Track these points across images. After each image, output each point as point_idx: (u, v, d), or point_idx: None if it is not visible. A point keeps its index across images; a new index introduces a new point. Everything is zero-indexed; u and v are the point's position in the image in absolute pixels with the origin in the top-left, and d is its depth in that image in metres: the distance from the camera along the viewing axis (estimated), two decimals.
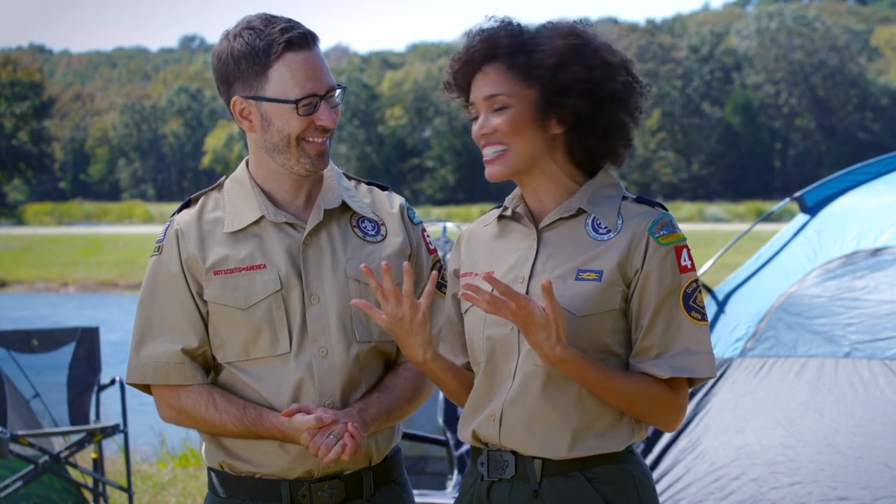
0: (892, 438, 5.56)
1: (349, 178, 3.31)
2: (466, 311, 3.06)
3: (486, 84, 2.96)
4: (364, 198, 3.26)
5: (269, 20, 3.13)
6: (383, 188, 3.32)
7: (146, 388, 3.22)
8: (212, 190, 3.26)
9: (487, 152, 2.98)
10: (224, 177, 3.28)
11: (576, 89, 2.93)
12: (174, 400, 3.16)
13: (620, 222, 2.97)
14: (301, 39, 3.09)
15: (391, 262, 3.16)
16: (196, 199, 3.25)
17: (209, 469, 3.24)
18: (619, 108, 2.97)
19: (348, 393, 3.13)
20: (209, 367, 3.20)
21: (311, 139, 3.12)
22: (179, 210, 3.23)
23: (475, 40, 2.99)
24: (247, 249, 3.15)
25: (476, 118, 3.00)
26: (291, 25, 3.12)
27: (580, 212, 3.00)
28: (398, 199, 3.29)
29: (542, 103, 2.94)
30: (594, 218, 2.98)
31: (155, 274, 3.17)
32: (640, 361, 2.94)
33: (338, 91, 3.15)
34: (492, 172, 2.99)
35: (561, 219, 3.00)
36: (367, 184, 3.32)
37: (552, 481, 2.94)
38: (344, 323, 3.13)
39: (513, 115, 2.94)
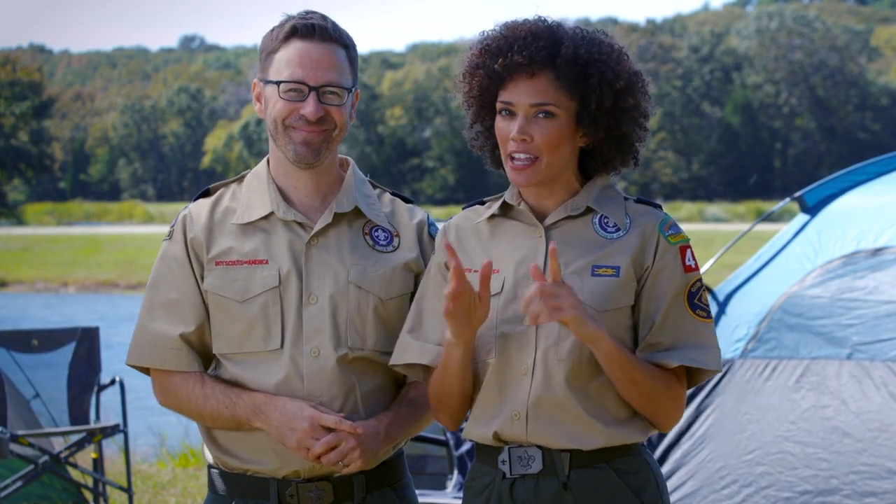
0: (894, 440, 5.55)
1: (375, 186, 3.31)
2: None
3: (537, 91, 2.96)
4: (384, 207, 3.26)
5: (306, 12, 3.19)
6: (408, 201, 3.32)
7: (146, 370, 3.24)
8: (233, 182, 3.29)
9: (519, 157, 2.97)
10: (247, 171, 3.31)
11: (625, 114, 2.99)
12: (167, 383, 3.19)
13: (629, 221, 3.02)
14: (306, 29, 3.13)
15: (396, 274, 3.18)
16: (214, 190, 3.27)
17: (208, 466, 3.25)
18: (645, 128, 3.05)
19: (342, 397, 3.12)
20: (208, 356, 3.21)
21: (296, 127, 3.13)
22: (196, 198, 3.26)
23: (533, 42, 2.96)
24: (252, 244, 3.16)
25: (504, 113, 2.99)
26: (309, 16, 3.16)
27: (587, 210, 3.03)
28: (420, 214, 3.28)
29: (582, 118, 2.98)
30: (601, 216, 3.02)
31: (161, 258, 3.22)
32: (648, 355, 2.98)
33: (345, 92, 3.14)
34: (519, 180, 2.99)
35: (568, 217, 3.02)
36: (392, 194, 3.32)
37: (580, 473, 2.96)
38: (338, 327, 3.13)
39: (555, 127, 2.96)
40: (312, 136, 3.13)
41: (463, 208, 3.19)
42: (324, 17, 3.17)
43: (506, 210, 3.09)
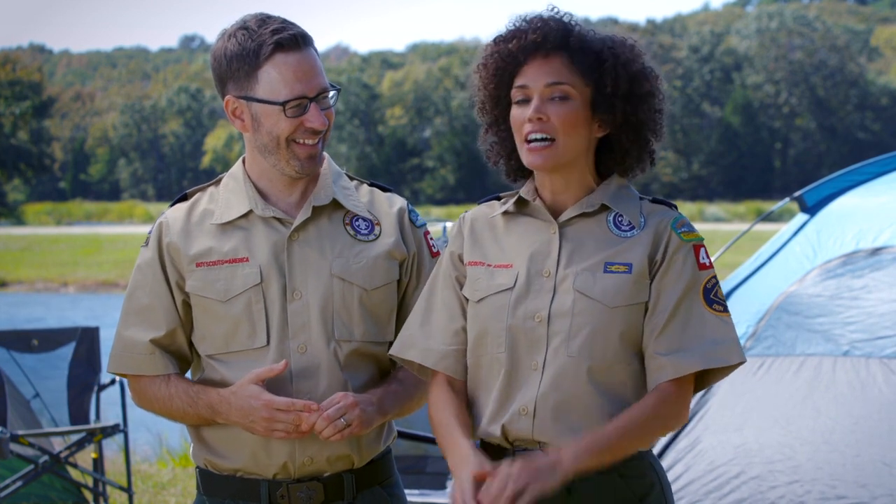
0: (889, 436, 5.57)
1: (351, 178, 3.30)
2: (481, 300, 3.03)
3: (551, 71, 2.97)
4: (362, 197, 3.26)
5: (263, 20, 3.13)
6: (386, 189, 3.31)
7: (125, 375, 3.27)
8: (209, 185, 3.29)
9: (534, 137, 2.96)
10: (223, 174, 3.30)
11: (641, 100, 3.00)
12: (138, 385, 3.22)
13: (643, 220, 3.02)
14: (291, 41, 3.09)
15: (379, 264, 3.18)
16: (191, 195, 3.28)
17: (196, 468, 3.26)
18: (660, 124, 3.06)
19: (331, 393, 3.11)
20: (184, 357, 3.23)
21: (301, 141, 3.13)
22: (173, 204, 3.27)
23: (544, 25, 2.98)
24: (232, 243, 3.16)
25: (521, 102, 2.99)
26: (283, 27, 3.11)
27: (602, 208, 3.02)
28: (399, 201, 3.28)
29: (598, 104, 2.98)
30: (616, 214, 3.02)
31: (137, 266, 3.23)
32: (662, 353, 2.94)
33: (331, 93, 3.15)
34: (535, 161, 2.97)
35: (582, 214, 3.02)
36: (370, 184, 3.31)
37: (584, 477, 2.93)
38: (325, 320, 3.13)
39: (572, 108, 2.96)
40: (315, 148, 3.14)
41: (479, 202, 3.19)
42: (290, 22, 3.14)
43: (521, 206, 3.08)
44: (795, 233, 6.67)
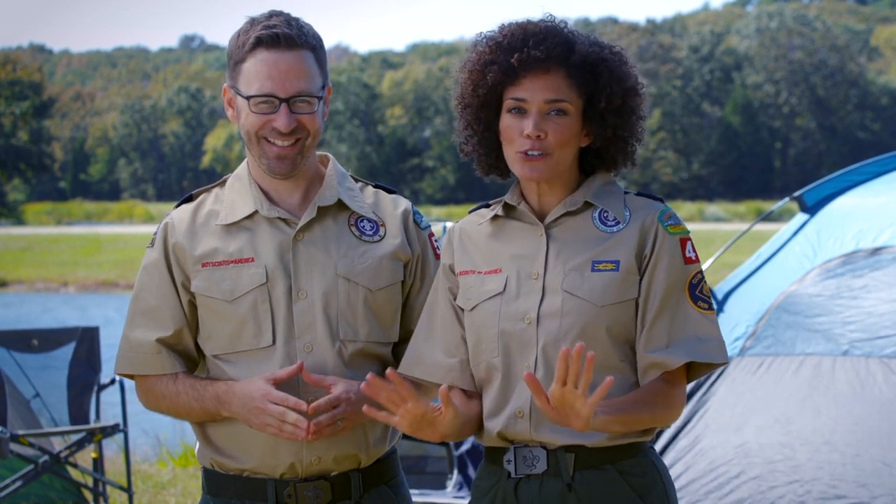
0: (889, 436, 5.57)
1: (356, 179, 3.31)
2: (474, 307, 3.04)
3: (551, 86, 2.96)
4: (367, 199, 3.27)
5: (269, 16, 3.16)
6: (391, 191, 3.32)
7: (132, 376, 3.27)
8: (214, 186, 3.30)
9: (532, 154, 2.97)
10: (227, 175, 3.31)
11: (632, 113, 3.01)
12: (145, 385, 3.23)
13: (628, 214, 3.02)
14: (272, 39, 3.10)
15: (384, 264, 3.20)
16: (196, 195, 3.29)
17: (202, 468, 3.27)
18: (644, 127, 3.06)
19: None
20: (191, 357, 3.23)
21: (270, 140, 3.13)
22: (179, 205, 3.28)
23: (547, 39, 2.97)
24: (237, 243, 3.17)
25: (515, 111, 2.98)
26: (275, 24, 3.12)
27: (586, 205, 3.03)
28: (404, 203, 3.29)
29: (589, 117, 2.99)
30: (601, 210, 3.02)
31: (143, 267, 3.24)
32: (651, 351, 2.95)
33: (315, 100, 3.12)
34: (531, 174, 2.98)
35: (566, 213, 3.02)
36: (375, 186, 3.32)
37: (585, 475, 2.95)
38: (330, 320, 3.14)
39: (568, 124, 2.97)
40: (286, 150, 3.14)
41: (469, 212, 3.19)
42: (288, 22, 3.14)
43: (508, 211, 3.09)
44: (795, 233, 6.67)
